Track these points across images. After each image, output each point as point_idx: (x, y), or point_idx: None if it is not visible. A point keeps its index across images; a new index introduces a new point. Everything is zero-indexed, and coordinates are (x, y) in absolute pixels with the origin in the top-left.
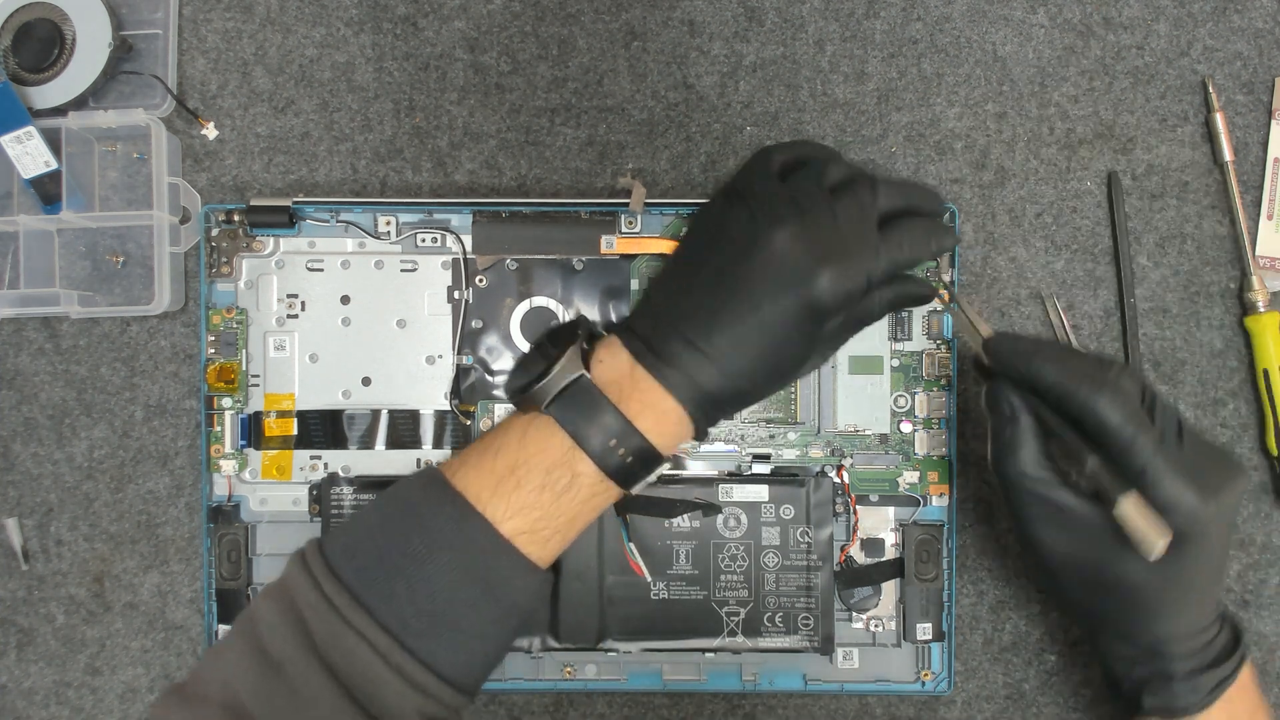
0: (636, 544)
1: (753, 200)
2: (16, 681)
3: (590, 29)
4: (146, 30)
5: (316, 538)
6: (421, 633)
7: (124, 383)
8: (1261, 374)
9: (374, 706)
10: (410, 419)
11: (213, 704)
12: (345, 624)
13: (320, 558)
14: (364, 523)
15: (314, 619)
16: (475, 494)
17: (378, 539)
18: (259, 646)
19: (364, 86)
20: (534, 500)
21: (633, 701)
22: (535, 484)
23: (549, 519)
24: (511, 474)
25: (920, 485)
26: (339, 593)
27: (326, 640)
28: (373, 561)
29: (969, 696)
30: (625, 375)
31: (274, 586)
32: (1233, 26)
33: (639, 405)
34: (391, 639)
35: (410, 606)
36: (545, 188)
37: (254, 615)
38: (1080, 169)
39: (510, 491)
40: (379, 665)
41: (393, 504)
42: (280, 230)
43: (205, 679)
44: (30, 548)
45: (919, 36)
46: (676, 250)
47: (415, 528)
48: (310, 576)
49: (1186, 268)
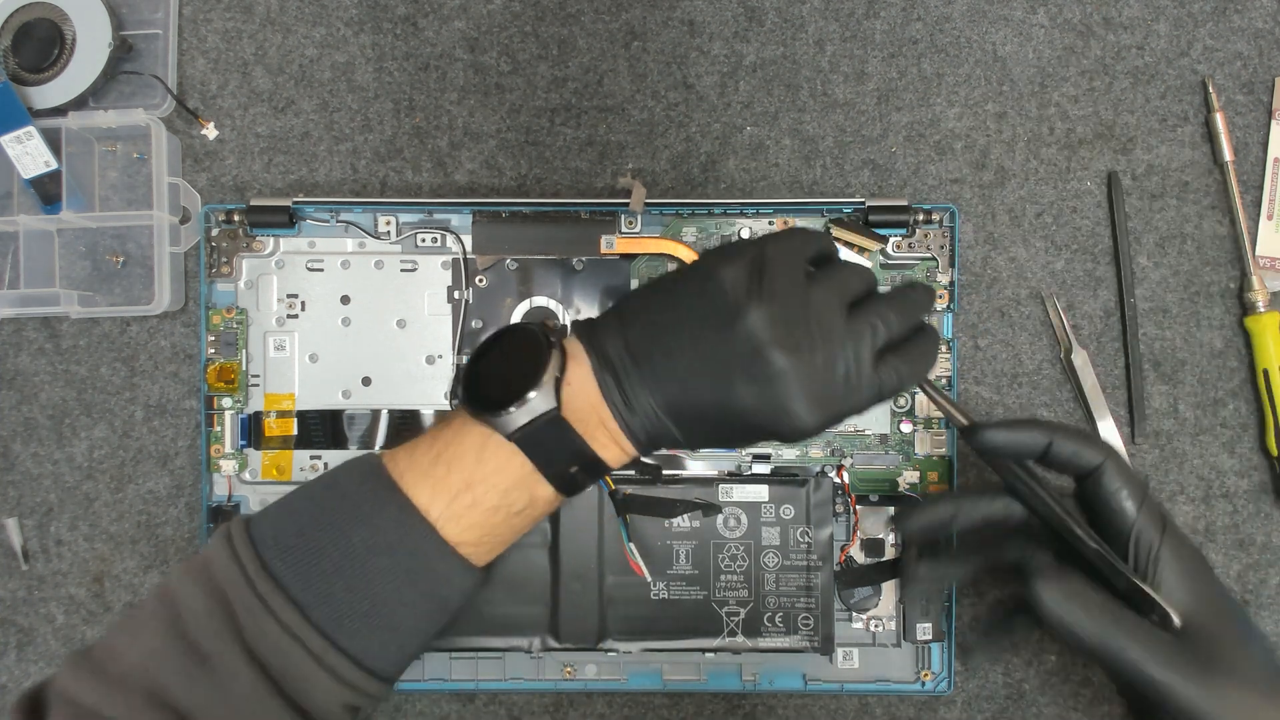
0: (636, 544)
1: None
2: (16, 681)
3: (590, 29)
4: (146, 30)
5: (243, 517)
6: (357, 633)
7: (124, 383)
8: (1261, 374)
9: (302, 699)
10: (410, 419)
11: (133, 689)
12: (278, 623)
13: (250, 547)
14: (299, 512)
15: (244, 614)
16: (425, 504)
17: (314, 533)
18: (182, 633)
19: (364, 86)
20: (486, 519)
21: (633, 701)
22: (491, 504)
23: (498, 534)
24: (467, 490)
25: (920, 485)
26: (273, 591)
27: (256, 636)
28: (309, 559)
29: (969, 696)
30: (593, 409)
31: (196, 566)
32: (1233, 26)
33: (604, 439)
34: (326, 641)
35: (347, 608)
36: (545, 188)
37: (174, 596)
38: (1080, 169)
39: (465, 509)
40: (310, 664)
41: (332, 495)
42: (280, 230)
43: (119, 657)
44: (30, 548)
45: (919, 36)
46: (676, 284)
47: (357, 527)
48: (240, 567)
49: (1186, 268)
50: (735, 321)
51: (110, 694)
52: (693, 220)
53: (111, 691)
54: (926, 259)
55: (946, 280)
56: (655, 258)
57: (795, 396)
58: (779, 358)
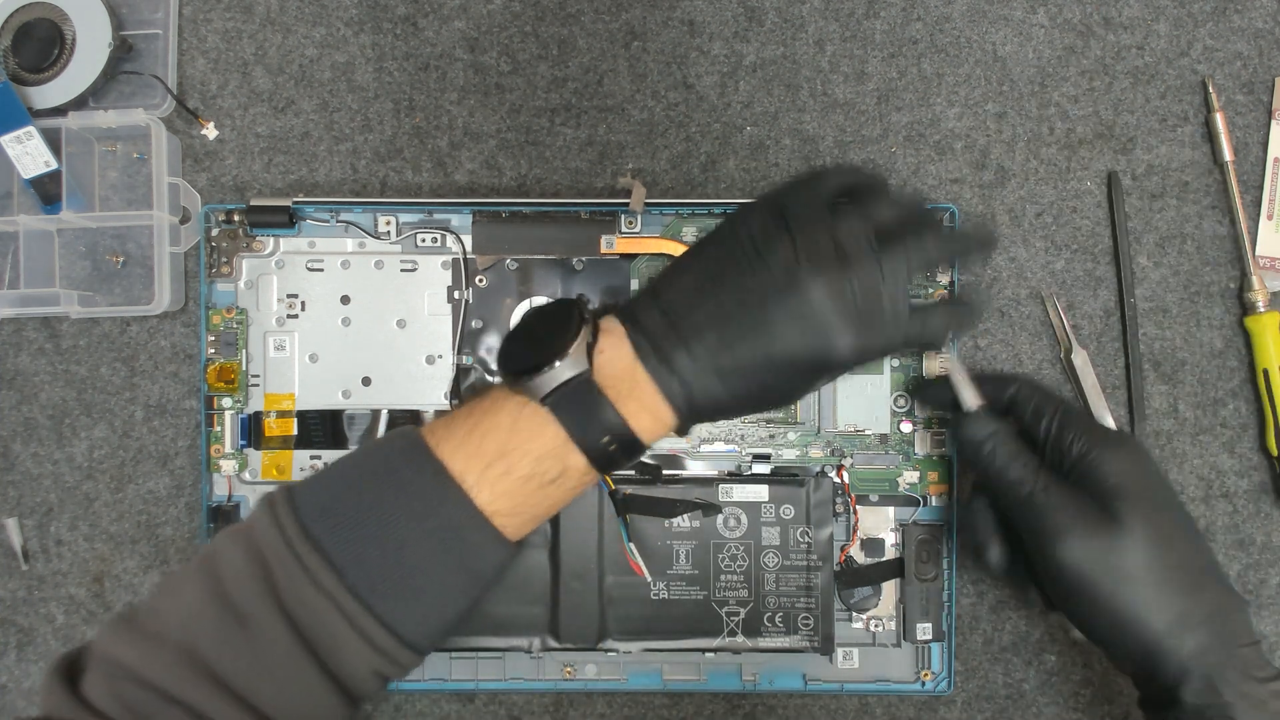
0: (636, 544)
1: (799, 232)
2: (16, 681)
3: (590, 29)
4: (146, 30)
5: (287, 485)
6: (389, 597)
7: (124, 383)
8: (1261, 374)
9: (332, 662)
10: (410, 419)
11: (169, 645)
12: (314, 585)
13: (291, 511)
14: (340, 479)
15: (282, 575)
16: (460, 473)
17: (353, 499)
18: (221, 592)
19: (364, 86)
20: (519, 488)
21: (633, 701)
22: (524, 472)
23: (531, 505)
24: (501, 458)
25: (920, 485)
26: (310, 553)
27: (292, 596)
28: (347, 522)
29: (969, 696)
30: (627, 373)
31: (240, 531)
32: (1233, 26)
33: (636, 405)
34: (360, 603)
35: (381, 573)
36: (545, 188)
37: (216, 557)
38: (1080, 169)
39: (498, 477)
40: (344, 626)
41: (369, 462)
42: (280, 230)
43: (161, 615)
44: (30, 548)
45: (919, 36)
46: (703, 247)
47: (395, 494)
48: (280, 530)
49: (1186, 268)
50: (763, 262)
51: (147, 652)
52: (693, 220)
53: (149, 649)
54: None
55: (946, 280)
56: (655, 258)
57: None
58: (808, 282)
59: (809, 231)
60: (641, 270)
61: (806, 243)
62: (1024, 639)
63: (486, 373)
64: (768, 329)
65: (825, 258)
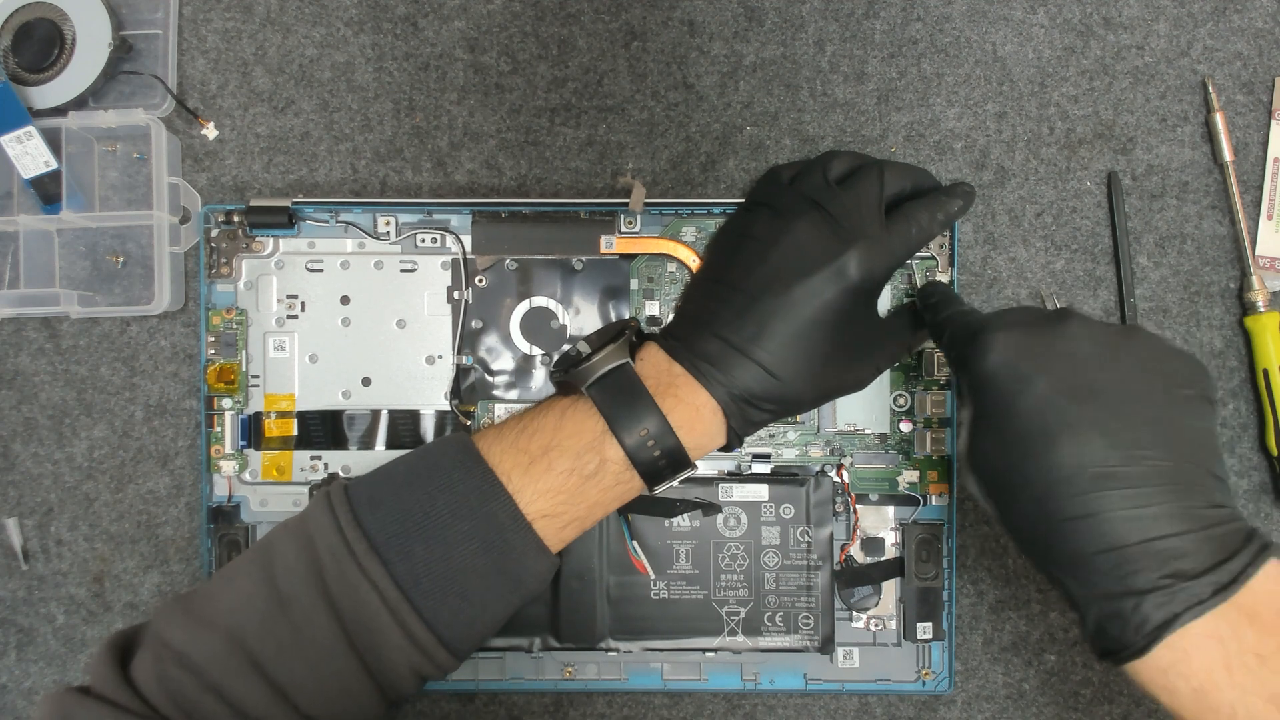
0: (637, 543)
1: (768, 205)
2: (16, 681)
3: (590, 29)
4: (146, 30)
5: (343, 480)
6: (431, 594)
7: (124, 383)
8: (1261, 374)
9: (370, 656)
10: (410, 419)
11: (218, 630)
12: (360, 571)
13: (346, 502)
14: (392, 477)
15: (329, 561)
16: (506, 472)
17: (404, 496)
18: (271, 578)
19: (364, 86)
20: (560, 484)
21: (633, 701)
22: (565, 467)
23: (570, 504)
24: (544, 455)
25: (920, 485)
26: (359, 540)
27: (338, 583)
28: (396, 516)
29: (969, 696)
30: (664, 372)
31: (295, 522)
32: (1233, 26)
33: (674, 401)
34: (402, 595)
35: (425, 567)
36: (545, 188)
37: (270, 547)
38: (1080, 169)
39: (541, 474)
40: (385, 617)
41: (422, 463)
42: (280, 230)
43: (214, 600)
44: (30, 548)
45: (919, 36)
46: (703, 263)
47: (442, 492)
48: (333, 518)
49: (1186, 268)
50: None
51: (196, 635)
52: (693, 220)
53: (198, 633)
54: (926, 259)
55: (946, 280)
56: (655, 258)
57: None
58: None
59: (777, 199)
60: (641, 270)
61: (778, 206)
62: (1024, 639)
63: (486, 373)
64: (779, 283)
65: (798, 207)
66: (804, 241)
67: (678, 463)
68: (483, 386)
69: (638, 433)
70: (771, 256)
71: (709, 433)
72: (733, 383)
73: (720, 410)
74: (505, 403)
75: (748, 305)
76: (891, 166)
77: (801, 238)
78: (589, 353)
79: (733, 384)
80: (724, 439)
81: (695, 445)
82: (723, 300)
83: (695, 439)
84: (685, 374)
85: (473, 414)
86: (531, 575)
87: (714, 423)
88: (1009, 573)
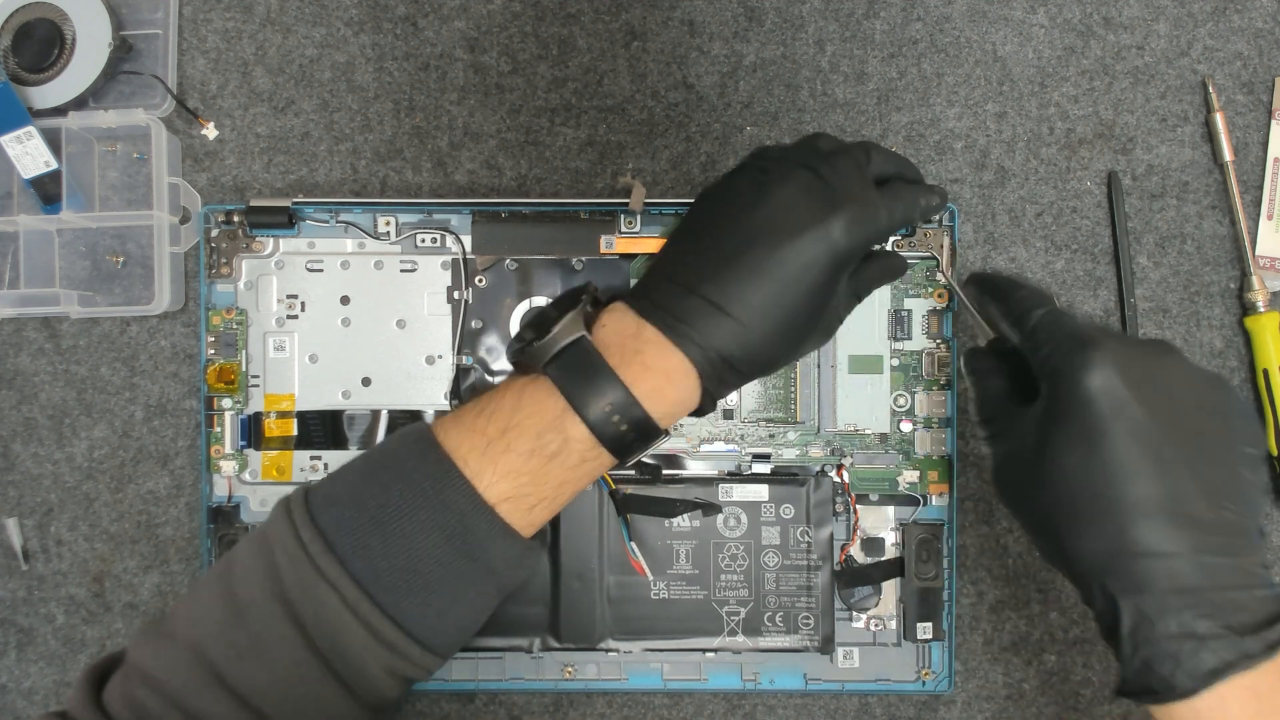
0: (637, 544)
1: (757, 167)
2: (16, 681)
3: (590, 29)
4: (146, 30)
5: (305, 484)
6: (393, 588)
7: (124, 383)
8: (1261, 374)
9: (337, 659)
10: (410, 419)
11: (179, 643)
12: (316, 571)
13: (303, 505)
14: (348, 473)
15: (285, 564)
16: (463, 456)
17: (359, 491)
18: (229, 588)
19: (364, 86)
20: (522, 465)
21: (633, 701)
22: (525, 448)
23: (535, 485)
24: (502, 437)
25: (920, 485)
26: (314, 539)
27: (296, 586)
28: (351, 512)
29: (969, 696)
30: (630, 336)
31: (257, 531)
32: (1233, 26)
33: (640, 368)
34: (361, 591)
35: (384, 561)
36: (545, 188)
37: (231, 557)
38: (1080, 169)
39: (499, 455)
40: (346, 616)
41: (379, 456)
42: (280, 230)
43: (178, 616)
44: (30, 548)
45: (919, 36)
46: (682, 221)
47: (397, 482)
48: (290, 522)
49: (1186, 268)
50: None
51: (160, 652)
52: None
53: (161, 649)
54: (926, 259)
55: (945, 281)
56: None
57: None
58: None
59: (766, 161)
60: (641, 270)
61: (767, 167)
62: (1024, 639)
63: (486, 373)
64: (763, 242)
65: (787, 168)
66: (792, 200)
67: (646, 434)
68: (483, 386)
69: (600, 408)
70: (758, 214)
71: (680, 399)
72: (710, 343)
73: (694, 372)
74: None
75: (730, 262)
76: (879, 149)
77: (790, 196)
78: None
79: (709, 344)
80: (697, 403)
81: (665, 413)
82: (703, 257)
83: (665, 407)
84: (657, 335)
85: None
86: (502, 560)
87: (686, 387)
88: (1009, 573)
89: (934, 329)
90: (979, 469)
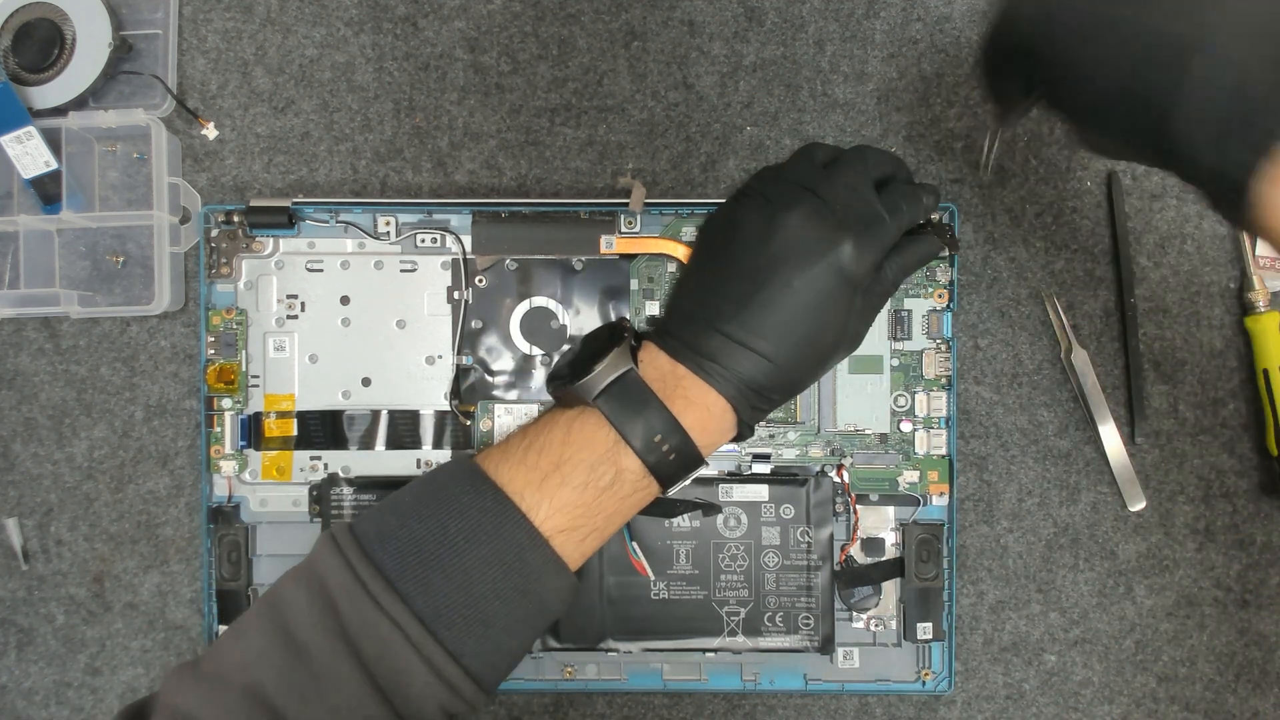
0: (637, 544)
1: (758, 194)
2: (16, 681)
3: (590, 29)
4: (146, 30)
5: (346, 521)
6: (454, 625)
7: (124, 383)
8: (1261, 374)
9: (397, 697)
10: (410, 419)
11: (233, 687)
12: (379, 609)
13: (353, 541)
14: (398, 509)
15: (345, 602)
16: (517, 490)
17: (414, 526)
18: (284, 628)
19: (364, 86)
20: (576, 498)
21: (633, 701)
22: (579, 481)
23: (588, 517)
24: (556, 471)
25: (920, 485)
26: (374, 578)
27: (357, 625)
28: (409, 548)
29: (969, 696)
30: (667, 373)
31: (301, 569)
32: None
33: (683, 402)
34: (425, 629)
35: (445, 598)
36: (545, 188)
37: (278, 597)
38: (1080, 169)
39: (555, 489)
40: (410, 655)
41: (428, 490)
42: (280, 231)
43: (224, 659)
44: (30, 548)
45: (919, 36)
46: (693, 256)
47: (454, 518)
48: (343, 558)
49: (1186, 268)
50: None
51: (208, 696)
52: (692, 220)
53: (210, 693)
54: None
55: (946, 280)
56: (655, 258)
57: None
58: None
59: (767, 188)
60: (641, 270)
61: (769, 195)
62: (1024, 639)
63: (486, 373)
64: (776, 275)
65: (790, 195)
66: (799, 230)
67: (690, 462)
68: (483, 387)
69: (652, 440)
70: (768, 247)
71: (721, 429)
72: (739, 378)
73: (729, 407)
74: (505, 403)
75: (747, 299)
76: (873, 150)
77: (797, 226)
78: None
79: (739, 379)
80: (735, 433)
81: (708, 444)
82: (719, 294)
83: (709, 438)
84: (690, 374)
85: (472, 414)
86: (554, 595)
87: (725, 419)
88: (1009, 573)
89: (934, 329)
90: (979, 469)
